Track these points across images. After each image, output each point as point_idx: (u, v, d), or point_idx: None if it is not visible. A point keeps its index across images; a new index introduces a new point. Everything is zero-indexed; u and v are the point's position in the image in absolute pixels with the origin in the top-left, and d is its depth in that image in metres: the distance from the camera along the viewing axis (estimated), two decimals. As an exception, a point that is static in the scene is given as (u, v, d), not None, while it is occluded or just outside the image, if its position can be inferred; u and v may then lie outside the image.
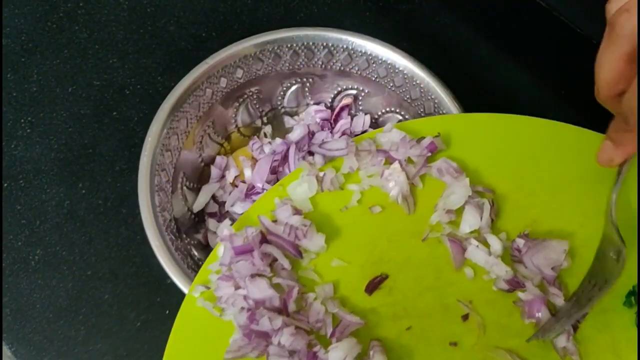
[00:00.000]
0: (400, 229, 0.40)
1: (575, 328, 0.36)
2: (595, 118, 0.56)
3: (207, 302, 0.38)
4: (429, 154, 0.41)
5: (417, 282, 0.39)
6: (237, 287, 0.37)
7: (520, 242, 0.39)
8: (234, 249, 0.38)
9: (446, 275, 0.39)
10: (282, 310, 0.37)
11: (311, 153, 0.51)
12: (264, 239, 0.39)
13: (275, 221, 0.40)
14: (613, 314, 0.37)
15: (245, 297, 0.37)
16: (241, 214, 0.50)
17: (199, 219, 0.51)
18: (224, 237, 0.39)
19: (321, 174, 0.41)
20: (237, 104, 0.53)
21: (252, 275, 0.37)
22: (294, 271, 0.39)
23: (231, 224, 0.41)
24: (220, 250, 0.39)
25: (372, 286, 0.39)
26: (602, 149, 0.38)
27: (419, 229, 0.40)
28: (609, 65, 0.33)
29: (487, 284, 0.38)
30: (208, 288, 0.38)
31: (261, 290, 0.37)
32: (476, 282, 0.38)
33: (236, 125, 0.54)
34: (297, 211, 0.40)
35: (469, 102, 0.47)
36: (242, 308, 0.37)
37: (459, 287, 0.38)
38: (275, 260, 0.38)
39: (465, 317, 0.37)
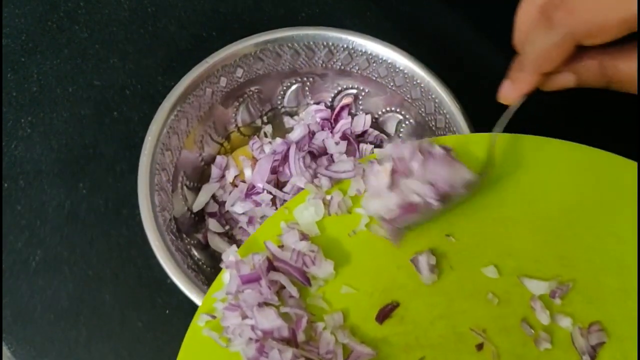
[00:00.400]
0: (409, 255, 0.38)
1: (593, 357, 0.35)
2: (596, 117, 0.56)
3: (213, 332, 0.37)
4: None
5: (429, 310, 0.37)
6: (245, 317, 0.36)
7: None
8: (241, 277, 0.37)
9: (458, 303, 0.37)
10: (291, 341, 0.36)
11: (311, 153, 0.51)
12: (271, 266, 0.38)
13: (281, 246, 0.39)
14: (630, 342, 0.36)
15: (253, 328, 0.36)
16: (241, 213, 0.50)
17: (198, 219, 0.51)
18: (229, 263, 0.38)
19: (328, 197, 0.40)
20: (237, 104, 0.53)
21: (260, 304, 0.36)
22: (302, 299, 0.38)
23: (237, 248, 0.39)
24: (226, 278, 0.38)
25: (383, 315, 0.37)
26: (502, 87, 0.39)
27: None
28: (526, 15, 0.37)
29: (499, 311, 0.37)
30: (214, 317, 0.37)
31: (269, 320, 0.36)
32: (489, 310, 0.37)
33: (236, 125, 0.54)
34: (304, 236, 0.39)
35: (470, 101, 0.47)
36: (250, 339, 0.35)
37: (472, 315, 0.37)
38: (282, 287, 0.37)
39: (479, 347, 0.36)
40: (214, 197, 0.51)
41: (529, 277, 0.38)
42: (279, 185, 0.51)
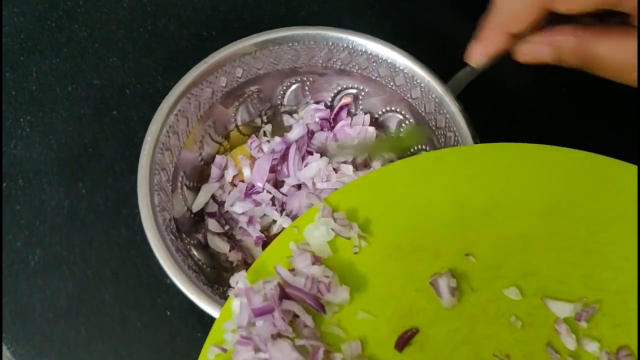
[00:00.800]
0: (428, 277, 0.37)
1: None
2: (596, 116, 0.56)
3: None
4: None
5: (450, 335, 0.35)
6: (257, 350, 0.35)
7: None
8: (253, 310, 0.35)
9: (480, 328, 0.35)
10: (308, 375, 0.34)
11: (310, 152, 0.51)
12: (282, 293, 0.35)
13: (292, 270, 0.37)
14: None
15: None
16: (241, 213, 0.50)
17: (198, 219, 0.50)
18: (238, 291, 0.36)
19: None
20: (237, 103, 0.53)
21: (273, 337, 0.34)
22: (317, 327, 0.36)
23: (245, 273, 0.37)
24: (235, 307, 0.36)
25: (402, 342, 0.35)
26: (469, 47, 0.39)
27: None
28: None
29: (523, 335, 0.35)
30: (224, 350, 0.35)
31: (284, 354, 0.33)
32: (512, 334, 0.35)
33: (236, 125, 0.54)
34: (316, 259, 0.37)
35: (470, 101, 0.47)
36: None
37: (495, 339, 0.35)
38: (296, 316, 0.36)
39: None
40: (213, 197, 0.51)
41: (553, 298, 0.36)
42: (277, 184, 0.51)
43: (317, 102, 0.54)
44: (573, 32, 0.36)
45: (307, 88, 0.54)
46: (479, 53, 0.39)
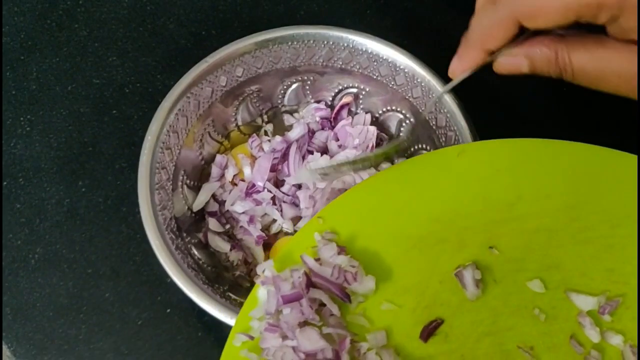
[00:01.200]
0: (452, 269, 0.37)
1: None
2: (597, 113, 0.56)
3: (252, 354, 0.35)
4: None
5: (474, 327, 0.36)
6: (285, 338, 0.35)
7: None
8: (283, 297, 0.35)
9: (504, 319, 0.36)
10: (334, 363, 0.34)
11: (311, 152, 0.51)
12: (309, 282, 0.36)
13: (318, 259, 0.37)
14: None
15: (295, 349, 0.34)
16: (242, 213, 0.50)
17: (198, 218, 0.51)
18: (266, 279, 0.36)
19: None
20: (238, 102, 0.53)
21: (301, 324, 0.35)
22: (343, 317, 0.36)
23: (272, 262, 0.37)
24: (262, 295, 0.37)
25: (427, 332, 0.36)
26: (451, 63, 0.41)
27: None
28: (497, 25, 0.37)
29: (547, 327, 0.36)
30: (251, 337, 0.36)
31: (312, 342, 0.34)
32: (536, 327, 0.36)
33: (236, 124, 0.54)
34: (341, 249, 0.37)
35: (471, 100, 0.47)
36: None
37: (519, 331, 0.36)
38: (322, 305, 0.36)
39: None
40: (214, 196, 0.51)
41: (577, 291, 0.36)
42: (278, 183, 0.51)
43: (318, 102, 0.54)
44: (548, 43, 0.37)
45: (307, 87, 0.54)
46: (459, 69, 0.41)
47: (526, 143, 0.40)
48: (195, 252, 0.48)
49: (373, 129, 0.52)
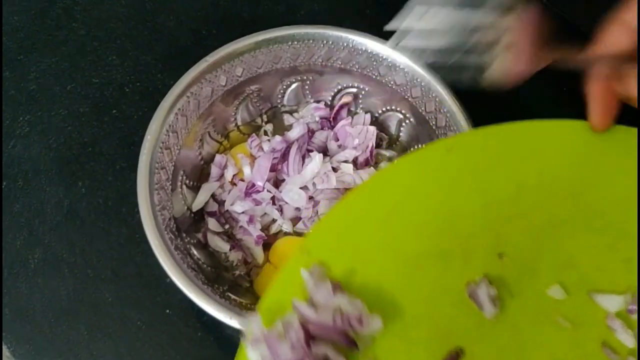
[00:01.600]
0: (462, 287, 0.33)
1: None
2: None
3: None
4: None
5: (498, 350, 0.32)
6: None
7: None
8: None
9: (528, 336, 0.32)
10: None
11: (310, 151, 0.51)
12: (308, 336, 0.31)
13: (309, 301, 0.32)
14: None
15: None
16: (241, 213, 0.50)
17: (198, 218, 0.50)
18: (256, 339, 0.31)
19: None
20: (237, 102, 0.53)
21: None
22: None
23: (259, 316, 0.32)
24: (253, 358, 0.31)
25: None
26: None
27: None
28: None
29: (575, 337, 0.32)
30: None
31: None
32: (563, 337, 0.32)
33: (236, 124, 0.54)
34: (336, 285, 0.32)
35: (471, 100, 0.47)
36: None
37: (546, 346, 0.32)
38: (326, 357, 0.31)
39: None
40: (213, 196, 0.51)
41: (600, 291, 0.33)
42: (278, 183, 0.51)
43: (317, 101, 0.54)
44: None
45: (307, 87, 0.54)
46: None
47: (519, 127, 0.37)
48: (195, 252, 0.48)
49: (373, 129, 0.52)
